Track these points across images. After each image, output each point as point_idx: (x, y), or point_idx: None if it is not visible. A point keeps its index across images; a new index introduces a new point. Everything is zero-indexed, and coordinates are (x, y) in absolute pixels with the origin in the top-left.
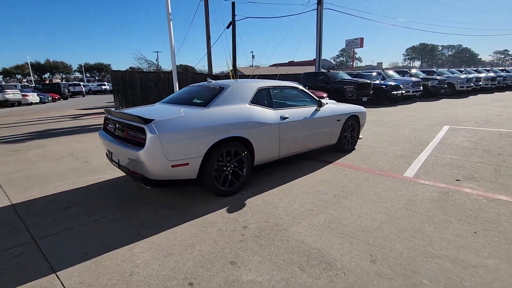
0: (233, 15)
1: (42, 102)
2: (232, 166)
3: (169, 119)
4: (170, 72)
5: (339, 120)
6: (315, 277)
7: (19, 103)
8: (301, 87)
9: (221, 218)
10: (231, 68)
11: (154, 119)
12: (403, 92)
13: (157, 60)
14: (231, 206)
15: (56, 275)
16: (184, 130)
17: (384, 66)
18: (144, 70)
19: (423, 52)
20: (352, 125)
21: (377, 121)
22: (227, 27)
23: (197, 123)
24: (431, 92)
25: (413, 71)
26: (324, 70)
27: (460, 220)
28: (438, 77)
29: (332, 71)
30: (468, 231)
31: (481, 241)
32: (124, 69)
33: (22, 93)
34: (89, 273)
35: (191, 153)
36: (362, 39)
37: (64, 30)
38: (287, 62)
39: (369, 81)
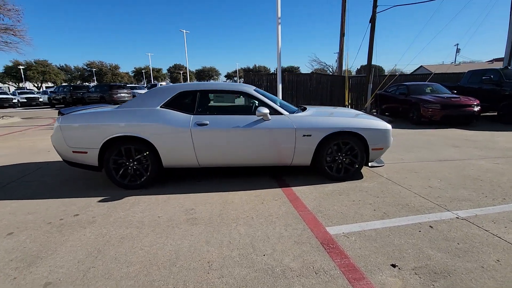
0: (375, 6)
1: None
2: (135, 163)
3: (74, 114)
4: (305, 74)
5: (309, 135)
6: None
7: None
8: (252, 92)
9: (82, 204)
10: (349, 67)
11: (64, 113)
12: None
13: (337, 61)
14: (112, 197)
15: None
16: (82, 125)
17: None
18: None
19: None
20: (347, 145)
21: None
22: (370, 21)
23: (96, 120)
24: None
25: None
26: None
27: None
28: None
29: None
30: None
31: None
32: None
33: None
34: None
35: (88, 144)
36: None
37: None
38: None
39: None
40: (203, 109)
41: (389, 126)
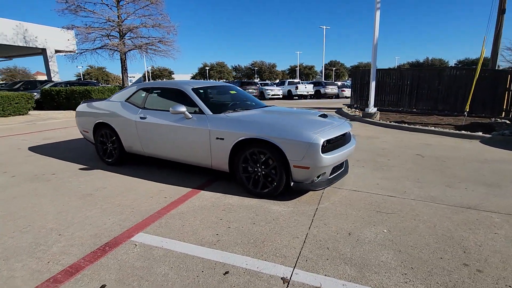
0: None
1: None
2: (110, 144)
3: (84, 104)
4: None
5: (222, 139)
6: None
7: (336, 96)
8: (186, 90)
9: (71, 168)
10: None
11: (82, 103)
12: None
13: None
14: (91, 167)
15: None
16: (84, 112)
17: None
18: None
19: None
20: (263, 155)
21: None
22: None
23: (91, 109)
24: None
25: None
26: None
27: None
28: None
29: None
30: None
31: None
32: None
33: (340, 89)
34: None
35: (87, 127)
36: None
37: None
38: None
39: None
40: (150, 104)
41: (314, 139)
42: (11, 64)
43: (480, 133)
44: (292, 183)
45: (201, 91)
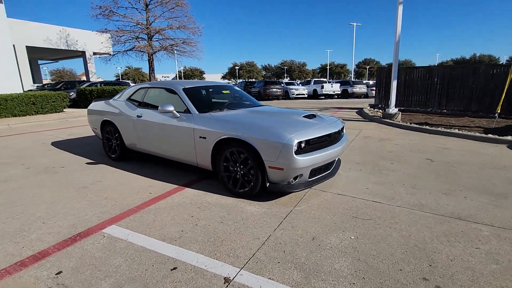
0: None
1: None
2: (114, 141)
3: (94, 103)
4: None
5: (204, 138)
6: None
7: (365, 96)
8: (177, 89)
9: (79, 162)
10: None
11: (92, 102)
12: None
13: None
14: (97, 162)
15: None
16: (94, 110)
17: None
18: None
19: None
20: (242, 155)
21: None
22: None
23: (99, 108)
24: None
25: None
26: None
27: None
28: None
29: None
30: None
31: None
32: None
33: (370, 88)
34: None
35: (96, 124)
36: None
37: None
38: None
39: None
40: (146, 104)
41: (287, 140)
42: (60, 66)
43: (509, 137)
44: (268, 183)
45: (192, 91)
